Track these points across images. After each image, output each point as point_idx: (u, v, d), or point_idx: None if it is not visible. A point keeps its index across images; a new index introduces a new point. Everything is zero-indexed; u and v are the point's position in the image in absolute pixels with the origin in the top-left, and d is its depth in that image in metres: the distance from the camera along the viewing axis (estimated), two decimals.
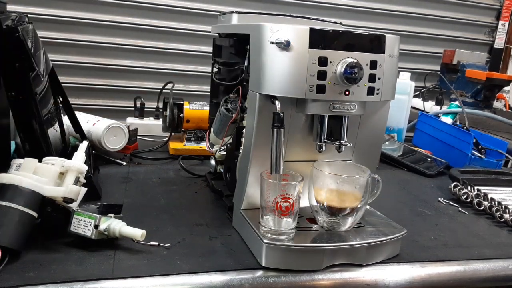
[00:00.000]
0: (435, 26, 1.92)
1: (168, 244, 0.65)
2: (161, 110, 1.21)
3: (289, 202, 0.63)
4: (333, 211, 0.67)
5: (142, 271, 0.58)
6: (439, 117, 1.40)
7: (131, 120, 1.29)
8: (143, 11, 1.55)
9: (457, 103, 1.47)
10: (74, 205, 0.66)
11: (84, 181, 0.70)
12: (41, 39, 0.82)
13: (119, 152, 1.06)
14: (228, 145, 0.83)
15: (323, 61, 0.61)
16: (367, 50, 0.63)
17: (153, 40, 1.59)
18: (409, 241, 0.73)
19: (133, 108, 1.31)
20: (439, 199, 0.98)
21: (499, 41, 2.04)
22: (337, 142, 0.68)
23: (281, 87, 0.62)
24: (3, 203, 0.60)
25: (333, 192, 0.66)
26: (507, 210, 0.87)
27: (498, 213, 0.87)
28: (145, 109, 1.32)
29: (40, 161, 0.67)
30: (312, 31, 0.60)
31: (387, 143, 1.31)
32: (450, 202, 0.96)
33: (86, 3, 1.49)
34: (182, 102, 1.14)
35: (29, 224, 0.61)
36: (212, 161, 0.92)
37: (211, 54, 0.92)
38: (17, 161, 0.67)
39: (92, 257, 0.61)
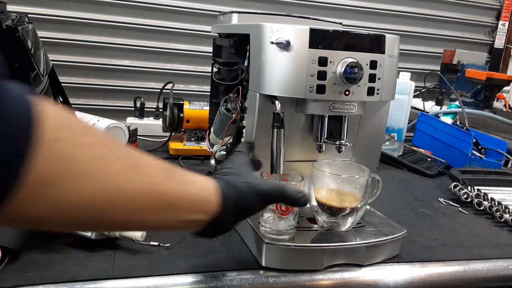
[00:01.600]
0: (435, 26, 1.92)
1: (168, 244, 0.65)
2: (161, 110, 1.21)
3: None
4: (333, 211, 0.67)
5: (142, 271, 0.58)
6: (439, 117, 1.40)
7: (131, 120, 1.29)
8: (143, 11, 1.55)
9: (457, 103, 1.47)
10: None
11: None
12: (41, 39, 0.82)
13: None
14: (228, 145, 0.83)
15: (323, 61, 0.61)
16: (367, 50, 0.63)
17: (153, 40, 1.59)
18: (409, 241, 0.73)
19: (133, 108, 1.31)
20: (439, 199, 0.98)
21: (499, 41, 2.04)
22: (337, 142, 0.68)
23: (281, 87, 0.62)
24: None
25: (333, 192, 0.66)
26: (507, 210, 0.87)
27: (498, 213, 0.87)
28: (145, 109, 1.32)
29: None
30: (312, 31, 0.60)
31: (387, 143, 1.31)
32: (450, 202, 0.96)
33: (86, 3, 1.49)
34: (182, 102, 1.14)
35: None
36: (212, 161, 0.92)
37: (211, 54, 0.92)
38: None
39: (92, 257, 0.61)
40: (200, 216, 0.46)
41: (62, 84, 0.90)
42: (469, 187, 0.96)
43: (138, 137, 1.16)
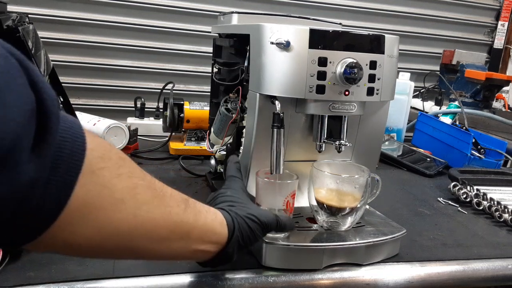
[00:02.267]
0: (435, 27, 1.93)
1: None
2: (161, 110, 1.21)
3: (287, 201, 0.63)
4: (333, 211, 0.67)
5: (142, 270, 0.58)
6: (439, 117, 1.40)
7: (131, 120, 1.30)
8: (143, 11, 1.55)
9: (456, 103, 1.47)
10: None
11: None
12: (41, 39, 0.82)
13: None
14: (228, 145, 0.83)
15: (323, 61, 0.61)
16: (366, 50, 0.63)
17: (153, 40, 1.59)
18: (409, 240, 0.73)
19: (134, 108, 1.32)
20: (439, 198, 0.98)
21: (499, 41, 2.04)
22: (337, 142, 0.68)
23: (281, 87, 0.62)
24: None
25: (333, 192, 0.67)
26: (506, 210, 0.87)
27: (497, 212, 0.87)
28: (146, 109, 1.32)
29: None
30: (312, 32, 0.61)
31: (386, 143, 1.31)
32: (450, 202, 0.96)
33: (86, 3, 1.50)
34: (182, 102, 1.14)
35: None
36: (212, 161, 0.92)
37: (211, 54, 0.92)
38: None
39: None
40: (209, 247, 0.49)
41: (63, 84, 0.90)
42: (468, 187, 0.97)
43: (138, 137, 1.17)
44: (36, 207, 0.32)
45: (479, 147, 1.18)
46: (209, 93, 0.95)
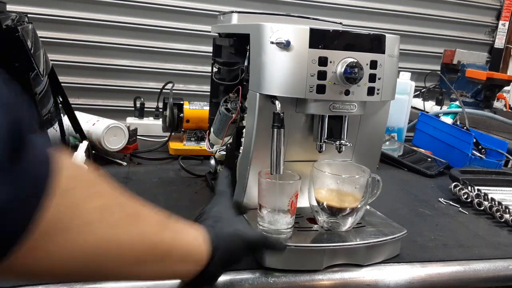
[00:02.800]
0: (435, 26, 1.92)
1: None
2: (161, 110, 1.21)
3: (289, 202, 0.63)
4: (333, 211, 0.66)
5: None
6: (439, 117, 1.40)
7: (131, 120, 1.29)
8: (143, 11, 1.55)
9: (457, 103, 1.47)
10: None
11: None
12: (41, 39, 0.82)
13: (119, 152, 1.06)
14: (228, 145, 0.83)
15: (323, 61, 0.61)
16: (367, 50, 0.63)
17: (153, 40, 1.59)
18: (409, 241, 0.73)
19: (133, 108, 1.31)
20: (439, 199, 0.98)
21: (499, 41, 2.04)
22: (337, 142, 0.68)
23: (281, 87, 0.61)
24: None
25: (333, 192, 0.66)
26: (507, 210, 0.87)
27: (499, 213, 0.87)
28: (145, 109, 1.32)
29: None
30: (312, 31, 0.60)
31: (387, 143, 1.31)
32: (451, 202, 0.96)
33: (86, 3, 1.49)
34: (182, 102, 1.14)
35: None
36: (212, 161, 0.92)
37: (211, 54, 0.92)
38: None
39: None
40: (190, 267, 0.48)
41: (62, 84, 0.90)
42: (469, 187, 0.96)
43: (138, 137, 1.16)
44: None
45: (480, 147, 1.18)
46: (208, 93, 0.95)
